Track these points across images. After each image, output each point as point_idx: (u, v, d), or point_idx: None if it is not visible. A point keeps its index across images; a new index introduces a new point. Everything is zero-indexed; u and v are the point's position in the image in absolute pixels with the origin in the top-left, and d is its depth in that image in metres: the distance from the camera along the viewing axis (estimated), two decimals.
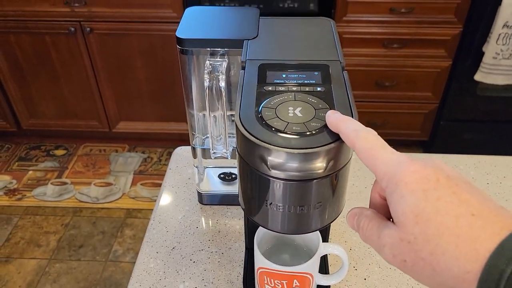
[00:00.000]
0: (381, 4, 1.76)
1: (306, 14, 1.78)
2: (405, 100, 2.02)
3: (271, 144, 0.40)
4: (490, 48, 1.72)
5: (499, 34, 1.68)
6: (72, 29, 1.88)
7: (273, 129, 0.42)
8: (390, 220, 0.34)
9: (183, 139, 0.79)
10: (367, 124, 0.37)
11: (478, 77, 1.81)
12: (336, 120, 0.39)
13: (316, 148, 0.40)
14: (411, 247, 0.30)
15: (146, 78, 2.04)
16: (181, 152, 0.92)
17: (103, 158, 2.25)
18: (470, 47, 1.80)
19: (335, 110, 0.43)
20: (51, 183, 2.09)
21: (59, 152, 2.29)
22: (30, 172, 2.16)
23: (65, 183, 2.09)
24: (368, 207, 0.38)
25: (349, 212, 0.38)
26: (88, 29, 1.87)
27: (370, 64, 1.90)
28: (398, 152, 0.34)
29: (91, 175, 2.14)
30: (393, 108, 2.05)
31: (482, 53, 1.76)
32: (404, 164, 0.32)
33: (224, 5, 1.77)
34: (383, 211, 0.36)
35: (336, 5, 1.77)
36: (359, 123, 0.38)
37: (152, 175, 2.14)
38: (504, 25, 1.65)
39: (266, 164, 0.41)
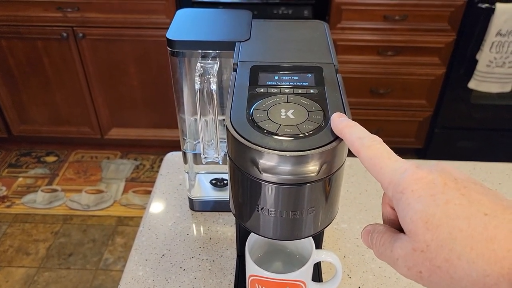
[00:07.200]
0: (375, 12, 1.76)
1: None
2: (399, 108, 2.02)
3: (262, 147, 0.39)
4: (484, 56, 1.72)
5: (493, 42, 1.68)
6: (65, 34, 1.86)
7: (265, 131, 0.40)
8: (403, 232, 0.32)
9: (176, 146, 0.78)
10: None
11: (472, 85, 1.82)
12: (341, 125, 0.38)
13: (309, 151, 0.39)
14: (425, 256, 0.28)
15: (139, 85, 2.03)
16: (173, 158, 0.91)
17: (95, 165, 2.22)
18: (463, 55, 1.80)
19: (335, 112, 0.41)
20: (41, 190, 2.06)
21: (50, 158, 2.26)
22: (20, 179, 2.12)
23: (55, 190, 2.06)
24: (380, 222, 0.37)
25: (363, 231, 0.37)
26: (80, 34, 1.86)
27: (364, 71, 1.90)
28: (404, 160, 0.33)
29: (82, 182, 2.11)
30: (387, 115, 2.04)
31: (476, 61, 1.76)
32: (408, 171, 0.30)
33: None
34: (397, 223, 0.34)
35: (330, 12, 1.77)
36: (364, 129, 0.37)
37: (144, 182, 2.11)
38: (497, 33, 1.66)
39: (258, 168, 0.40)
